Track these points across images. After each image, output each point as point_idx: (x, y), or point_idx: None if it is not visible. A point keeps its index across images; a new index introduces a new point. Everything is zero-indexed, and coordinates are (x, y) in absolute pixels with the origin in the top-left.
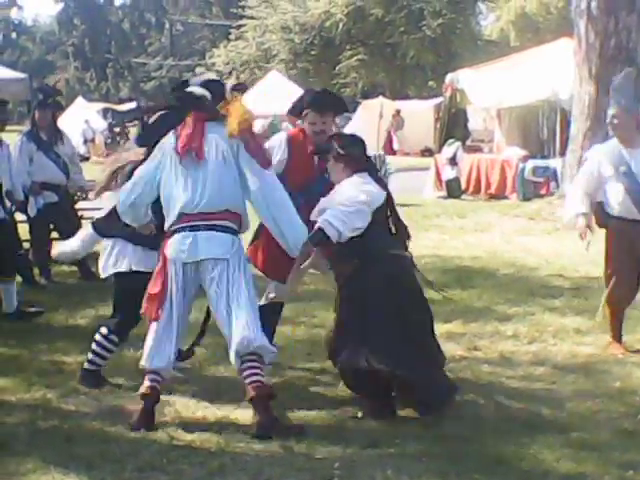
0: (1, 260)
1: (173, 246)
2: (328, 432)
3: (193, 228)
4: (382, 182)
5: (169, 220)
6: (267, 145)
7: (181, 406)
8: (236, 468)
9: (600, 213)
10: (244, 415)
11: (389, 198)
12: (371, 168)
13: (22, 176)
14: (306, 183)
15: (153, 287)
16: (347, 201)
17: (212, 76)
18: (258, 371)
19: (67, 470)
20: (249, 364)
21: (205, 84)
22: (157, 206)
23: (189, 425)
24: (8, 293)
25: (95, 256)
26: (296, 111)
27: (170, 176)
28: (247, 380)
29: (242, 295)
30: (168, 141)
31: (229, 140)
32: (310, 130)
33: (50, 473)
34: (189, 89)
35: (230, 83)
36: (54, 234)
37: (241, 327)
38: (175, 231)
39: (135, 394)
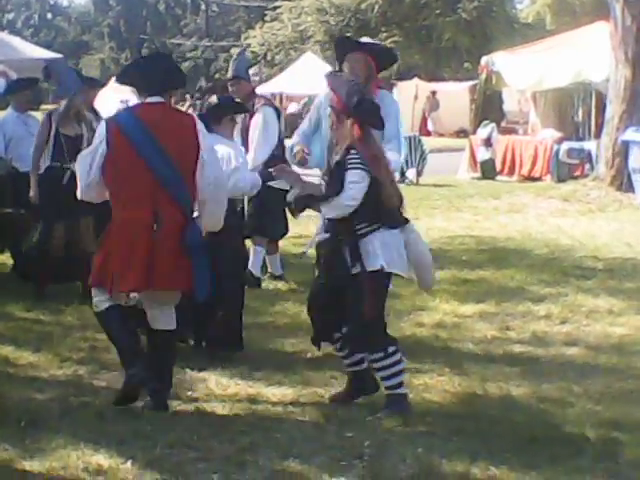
0: None
1: None
2: (359, 410)
3: None
4: None
5: None
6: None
7: (213, 383)
8: (266, 445)
9: None
10: (275, 392)
11: None
12: None
13: None
14: None
15: None
16: None
17: None
18: None
19: (98, 446)
20: None
21: None
22: None
23: (220, 402)
24: None
25: None
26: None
27: None
28: None
29: None
30: None
31: None
32: None
33: (81, 449)
34: None
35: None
36: None
37: None
38: None
39: None
